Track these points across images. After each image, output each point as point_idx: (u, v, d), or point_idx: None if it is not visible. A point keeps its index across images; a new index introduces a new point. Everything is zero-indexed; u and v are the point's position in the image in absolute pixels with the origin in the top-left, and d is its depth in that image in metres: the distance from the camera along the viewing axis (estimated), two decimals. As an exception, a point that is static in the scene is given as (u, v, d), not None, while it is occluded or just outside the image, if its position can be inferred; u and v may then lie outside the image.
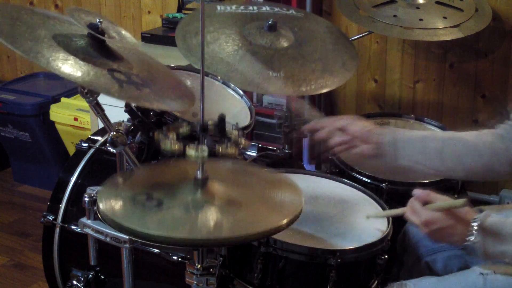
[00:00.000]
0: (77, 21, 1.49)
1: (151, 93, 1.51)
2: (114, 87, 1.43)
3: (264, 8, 2.12)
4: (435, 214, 1.51)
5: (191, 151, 1.37)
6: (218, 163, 1.53)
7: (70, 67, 1.40)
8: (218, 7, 2.07)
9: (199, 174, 1.38)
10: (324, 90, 1.94)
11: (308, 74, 1.94)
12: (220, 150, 1.46)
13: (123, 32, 1.61)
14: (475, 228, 1.47)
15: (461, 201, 1.50)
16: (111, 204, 1.34)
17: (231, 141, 1.46)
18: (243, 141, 1.49)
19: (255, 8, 2.11)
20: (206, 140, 1.43)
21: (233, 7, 2.08)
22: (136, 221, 1.28)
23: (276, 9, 2.14)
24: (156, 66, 1.71)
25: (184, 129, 1.49)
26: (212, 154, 1.40)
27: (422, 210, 1.53)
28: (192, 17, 2.11)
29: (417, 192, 1.57)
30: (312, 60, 1.98)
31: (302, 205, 1.37)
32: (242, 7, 2.09)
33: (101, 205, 1.32)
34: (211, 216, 1.32)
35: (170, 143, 1.53)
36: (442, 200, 1.53)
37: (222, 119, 1.48)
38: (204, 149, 1.37)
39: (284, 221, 1.31)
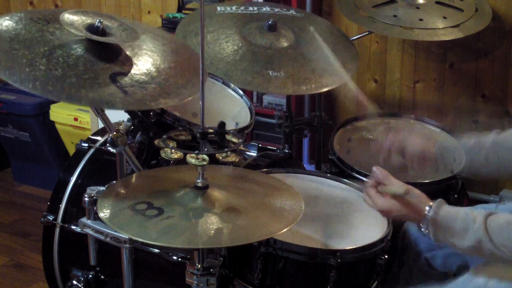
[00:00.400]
0: (70, 29, 1.48)
1: (157, 87, 1.50)
2: (118, 97, 1.42)
3: (264, 9, 2.12)
4: (389, 203, 1.58)
5: (191, 159, 1.38)
6: (218, 169, 1.54)
7: (70, 91, 1.40)
8: (218, 8, 2.07)
9: (199, 182, 1.38)
10: (325, 89, 1.94)
11: (308, 73, 1.94)
12: (220, 157, 1.47)
13: (122, 23, 1.59)
14: (427, 219, 1.52)
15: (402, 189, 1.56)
16: (112, 213, 1.34)
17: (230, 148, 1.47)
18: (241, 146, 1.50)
19: (255, 8, 2.11)
20: (205, 147, 1.43)
21: (233, 7, 2.08)
22: (137, 230, 1.28)
23: (276, 10, 2.14)
24: (162, 47, 1.68)
25: (184, 137, 1.50)
26: (213, 160, 1.41)
27: (377, 198, 1.60)
28: (192, 17, 2.11)
29: (375, 171, 1.63)
30: (312, 59, 1.98)
31: (302, 212, 1.37)
32: (242, 8, 2.09)
33: (101, 214, 1.33)
34: (211, 224, 1.32)
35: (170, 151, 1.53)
36: (395, 183, 1.59)
37: (222, 126, 1.49)
38: (204, 158, 1.37)
39: (285, 229, 1.31)
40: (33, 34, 1.50)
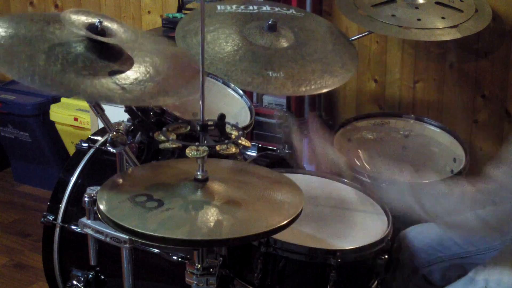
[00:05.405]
0: (71, 27, 1.49)
1: (155, 86, 1.50)
2: (116, 93, 1.43)
3: (264, 8, 2.12)
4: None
5: (191, 151, 1.38)
6: (218, 162, 1.53)
7: (69, 85, 1.41)
8: (218, 7, 2.07)
9: (199, 174, 1.38)
10: (324, 90, 1.94)
11: (308, 74, 1.94)
12: (221, 149, 1.46)
13: (123, 25, 1.60)
14: None
15: None
16: (111, 205, 1.34)
17: (231, 141, 1.47)
18: (243, 140, 1.49)
19: (255, 8, 2.11)
20: (205, 140, 1.43)
21: (233, 6, 2.08)
22: (136, 222, 1.28)
23: (276, 9, 2.14)
24: (161, 51, 1.69)
25: (184, 130, 1.49)
26: (213, 153, 1.40)
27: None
28: (192, 17, 2.11)
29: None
30: (312, 60, 1.98)
31: (302, 205, 1.37)
32: (242, 7, 2.09)
33: (101, 206, 1.33)
34: (211, 216, 1.32)
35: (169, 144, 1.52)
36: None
37: (222, 118, 1.48)
38: (204, 149, 1.37)
39: (285, 222, 1.31)
40: (33, 33, 1.51)
